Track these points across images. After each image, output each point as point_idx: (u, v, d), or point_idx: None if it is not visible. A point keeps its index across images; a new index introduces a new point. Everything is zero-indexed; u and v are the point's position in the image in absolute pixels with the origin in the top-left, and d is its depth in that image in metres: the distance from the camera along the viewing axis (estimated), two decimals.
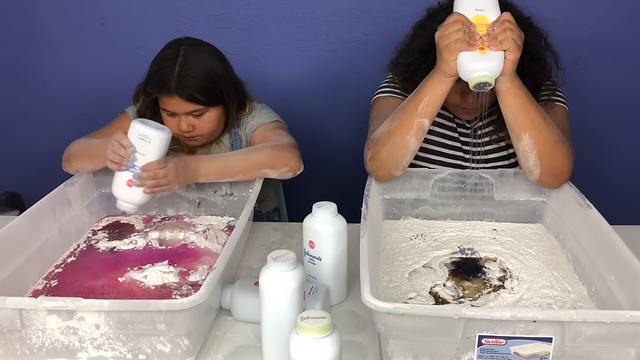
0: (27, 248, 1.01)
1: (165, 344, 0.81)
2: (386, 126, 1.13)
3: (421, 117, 1.07)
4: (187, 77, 1.23)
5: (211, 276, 0.84)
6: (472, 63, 0.98)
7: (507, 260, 1.07)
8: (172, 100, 1.25)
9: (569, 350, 0.76)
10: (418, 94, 1.08)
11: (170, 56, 1.26)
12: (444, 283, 1.00)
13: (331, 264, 0.97)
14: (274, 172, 1.19)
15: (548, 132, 1.06)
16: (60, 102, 1.92)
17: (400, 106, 1.12)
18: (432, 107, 1.07)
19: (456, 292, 0.97)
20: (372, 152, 1.14)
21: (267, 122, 1.36)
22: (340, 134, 1.90)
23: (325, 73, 1.83)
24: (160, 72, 1.25)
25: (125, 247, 1.14)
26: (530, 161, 1.09)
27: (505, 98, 1.05)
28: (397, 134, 1.10)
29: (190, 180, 1.16)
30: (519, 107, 1.05)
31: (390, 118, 1.13)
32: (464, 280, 1.01)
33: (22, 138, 1.97)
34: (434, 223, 1.22)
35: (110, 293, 0.98)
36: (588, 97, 1.78)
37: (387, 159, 1.12)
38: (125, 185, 1.10)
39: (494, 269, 1.04)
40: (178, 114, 1.27)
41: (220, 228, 1.21)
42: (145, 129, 1.08)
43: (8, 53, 1.87)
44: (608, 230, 0.94)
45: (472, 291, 0.98)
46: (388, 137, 1.11)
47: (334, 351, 0.69)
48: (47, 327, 0.81)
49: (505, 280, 1.01)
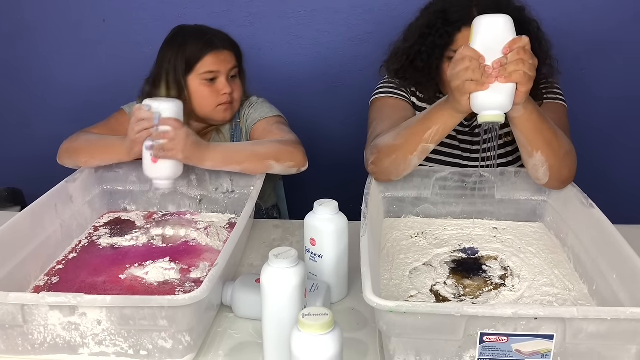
0: (29, 244, 1.01)
1: (167, 340, 0.82)
2: (391, 139, 1.12)
3: (427, 142, 1.07)
4: (221, 34, 1.33)
5: (212, 273, 0.84)
6: (481, 101, 0.94)
7: (508, 259, 1.07)
8: (220, 55, 1.30)
9: (570, 348, 0.76)
10: (428, 120, 1.06)
11: (191, 27, 1.35)
12: (444, 281, 1.00)
13: (332, 261, 0.97)
14: (279, 165, 1.19)
15: (559, 147, 1.06)
16: (61, 98, 1.92)
17: (408, 123, 1.11)
18: (440, 135, 1.06)
19: (457, 291, 0.97)
20: (375, 158, 1.13)
21: (269, 116, 1.37)
22: (341, 131, 1.90)
23: (327, 71, 1.83)
24: (194, 38, 1.30)
25: (127, 243, 1.14)
26: (540, 173, 1.09)
27: (518, 123, 1.03)
28: (401, 151, 1.10)
29: (196, 159, 1.13)
30: (533, 131, 1.03)
31: (397, 133, 1.11)
32: (464, 279, 1.01)
33: (22, 134, 1.97)
34: (435, 221, 1.22)
35: (112, 290, 0.98)
36: (589, 96, 1.78)
37: (389, 169, 1.13)
38: (151, 162, 1.12)
39: (495, 267, 1.05)
40: (220, 74, 1.30)
41: (222, 225, 1.21)
42: (157, 103, 1.10)
43: (9, 48, 1.87)
44: (611, 229, 0.94)
45: (473, 289, 0.98)
46: (391, 151, 1.11)
47: (335, 348, 0.69)
48: (49, 322, 0.81)
49: (506, 278, 1.01)
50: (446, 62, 1.19)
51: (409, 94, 1.31)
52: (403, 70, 1.27)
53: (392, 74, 1.30)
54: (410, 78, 1.27)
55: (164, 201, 1.28)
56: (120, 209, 1.29)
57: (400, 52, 1.27)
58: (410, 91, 1.31)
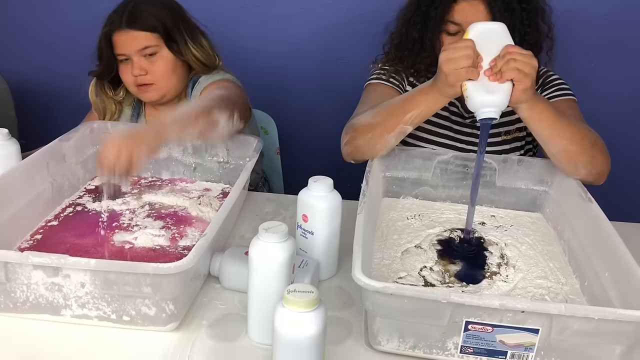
0: (17, 201, 1.00)
1: (150, 307, 0.81)
2: (369, 118, 1.10)
3: (406, 124, 1.05)
4: (139, 9, 1.23)
5: (200, 243, 0.83)
6: (477, 96, 0.94)
7: (506, 247, 1.06)
8: (123, 36, 1.22)
9: (554, 343, 0.75)
10: (410, 103, 1.04)
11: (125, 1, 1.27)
12: (431, 266, 0.99)
13: (323, 239, 0.96)
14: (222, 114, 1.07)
15: (581, 140, 1.03)
16: (63, 60, 1.89)
17: (388, 103, 1.09)
18: (420, 118, 1.04)
19: (442, 278, 0.96)
20: (349, 137, 1.11)
21: (217, 79, 1.29)
22: (345, 109, 1.87)
23: (332, 46, 1.80)
24: (113, 12, 1.24)
25: (118, 207, 1.13)
26: (569, 169, 1.07)
27: (529, 123, 1.01)
28: (378, 130, 1.08)
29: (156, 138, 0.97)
30: (547, 130, 1.01)
31: (375, 112, 1.09)
32: (450, 264, 0.99)
33: None
34: (433, 204, 1.20)
35: (99, 253, 0.97)
36: (598, 90, 1.74)
37: (363, 147, 1.11)
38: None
39: (495, 254, 1.03)
40: (130, 57, 1.24)
41: (215, 195, 1.20)
42: None
43: (6, 6, 1.84)
44: (606, 225, 0.92)
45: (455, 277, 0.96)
46: (368, 129, 1.09)
47: (318, 326, 0.68)
48: (31, 281, 0.80)
49: (501, 266, 1.00)
50: (443, 34, 1.17)
51: (404, 83, 1.28)
52: (402, 45, 1.25)
53: (394, 49, 1.27)
54: (406, 50, 1.25)
55: (157, 167, 1.26)
56: None
57: (400, 24, 1.26)
58: (408, 80, 1.28)
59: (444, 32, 1.17)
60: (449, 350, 0.79)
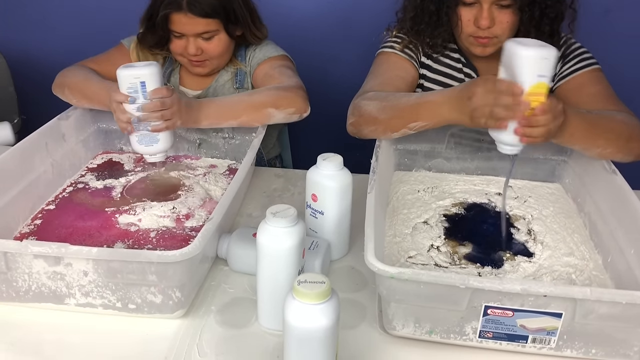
0: (17, 184, 0.97)
1: (156, 295, 0.78)
2: (375, 109, 1.03)
3: (410, 130, 1.00)
4: None
5: (207, 227, 0.80)
6: (499, 135, 0.90)
7: (533, 221, 1.02)
8: (182, 18, 1.18)
9: (577, 327, 0.72)
10: (420, 113, 0.98)
11: None
12: (438, 246, 0.95)
13: (334, 219, 0.92)
14: (280, 112, 1.11)
15: (616, 139, 0.97)
16: (61, 35, 1.83)
17: (398, 101, 1.02)
18: (425, 130, 1.00)
19: (451, 259, 0.92)
20: (355, 121, 1.06)
21: (273, 56, 1.28)
22: (354, 78, 1.81)
23: (341, 15, 1.73)
24: None
25: (122, 186, 1.09)
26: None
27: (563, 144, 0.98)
28: (382, 126, 1.03)
29: (192, 122, 1.07)
30: (579, 145, 0.98)
31: (382, 105, 1.03)
32: (459, 246, 0.95)
33: None
34: (447, 176, 1.16)
35: (104, 237, 0.94)
36: (618, 51, 1.66)
37: (366, 135, 1.06)
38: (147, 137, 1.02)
39: (522, 230, 0.99)
40: (187, 36, 1.20)
41: (221, 172, 1.16)
42: (134, 71, 0.97)
43: None
44: (633, 199, 0.88)
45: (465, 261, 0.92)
46: (372, 123, 1.03)
47: (330, 318, 0.65)
48: (33, 271, 0.78)
49: (528, 243, 0.96)
50: (460, 6, 1.10)
51: (419, 54, 1.21)
52: (417, 18, 1.18)
53: (409, 21, 1.20)
54: (422, 23, 1.18)
55: None
56: (115, 149, 1.24)
57: None
58: (423, 51, 1.21)
59: (461, 3, 1.10)
60: (467, 335, 0.76)
